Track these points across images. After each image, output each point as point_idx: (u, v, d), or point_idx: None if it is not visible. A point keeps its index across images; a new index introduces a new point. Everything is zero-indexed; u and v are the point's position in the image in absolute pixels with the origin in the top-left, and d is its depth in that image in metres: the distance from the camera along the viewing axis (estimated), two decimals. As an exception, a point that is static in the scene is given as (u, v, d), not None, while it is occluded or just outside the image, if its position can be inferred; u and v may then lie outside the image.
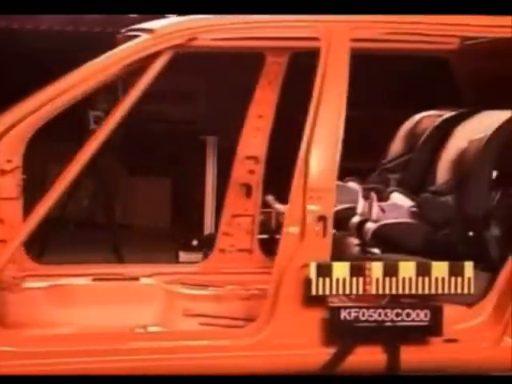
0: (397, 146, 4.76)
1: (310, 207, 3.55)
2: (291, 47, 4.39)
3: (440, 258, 3.63)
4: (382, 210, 3.97)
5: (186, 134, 9.27)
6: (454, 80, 4.93)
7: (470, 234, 3.80)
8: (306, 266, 3.51)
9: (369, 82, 9.22)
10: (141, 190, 9.68)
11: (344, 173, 4.18)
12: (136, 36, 3.72)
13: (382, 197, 4.24)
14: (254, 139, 4.76)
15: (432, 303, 3.61)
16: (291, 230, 3.59)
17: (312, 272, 3.49)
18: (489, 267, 3.80)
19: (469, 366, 3.68)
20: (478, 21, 3.91)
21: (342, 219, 4.16)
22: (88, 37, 7.00)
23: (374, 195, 4.04)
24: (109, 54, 3.58)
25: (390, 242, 3.85)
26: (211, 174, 7.88)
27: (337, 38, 3.67)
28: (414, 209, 4.01)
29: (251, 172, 4.78)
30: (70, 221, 8.21)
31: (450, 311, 3.70)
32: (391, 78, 8.99)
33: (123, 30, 4.05)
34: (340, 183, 4.45)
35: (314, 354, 3.57)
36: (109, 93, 10.12)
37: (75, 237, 8.32)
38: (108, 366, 3.51)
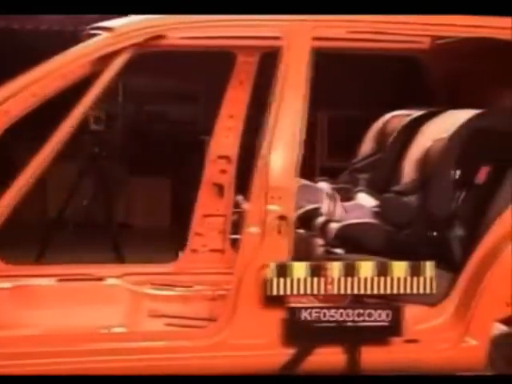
0: (367, 145, 4.77)
1: (271, 207, 3.54)
2: (256, 46, 4.37)
3: (403, 258, 3.61)
4: (345, 211, 3.95)
5: (186, 134, 9.30)
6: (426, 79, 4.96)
7: (433, 234, 3.79)
8: (266, 266, 3.50)
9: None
10: (141, 190, 9.70)
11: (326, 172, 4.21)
12: (97, 34, 3.70)
13: (349, 197, 4.23)
14: (226, 139, 4.75)
15: (393, 303, 3.59)
16: (252, 229, 3.57)
17: (271, 272, 3.48)
18: (452, 267, 3.80)
19: (429, 367, 3.66)
20: (448, 20, 3.91)
21: (310, 219, 4.15)
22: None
23: (336, 195, 4.03)
24: (66, 52, 3.56)
25: (353, 242, 3.84)
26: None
27: (298, 36, 3.66)
28: (377, 209, 4.00)
29: (223, 172, 4.77)
30: (69, 221, 8.21)
31: (412, 311, 3.69)
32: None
33: (87, 28, 4.03)
34: (310, 183, 4.45)
35: (274, 355, 3.55)
36: (109, 93, 10.17)
37: (75, 237, 8.32)
38: (72, 368, 3.50)
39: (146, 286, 4.46)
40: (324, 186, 4.48)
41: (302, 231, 4.10)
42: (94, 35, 3.72)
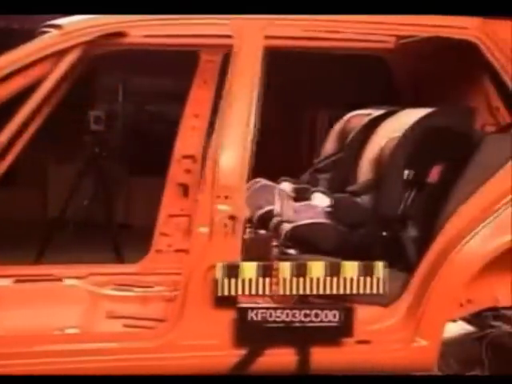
0: (328, 145, 4.76)
1: (219, 206, 3.52)
2: (216, 45, 4.36)
3: (357, 258, 3.60)
4: (295, 211, 3.93)
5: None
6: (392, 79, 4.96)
7: (385, 234, 3.77)
8: (214, 266, 3.48)
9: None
10: (141, 190, 9.69)
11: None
12: (47, 32, 3.68)
13: (307, 197, 4.21)
14: (191, 138, 4.74)
15: (341, 304, 3.57)
16: (201, 229, 3.55)
17: (219, 272, 3.46)
18: (405, 267, 3.78)
19: (381, 367, 3.65)
20: (406, 20, 3.89)
21: (268, 220, 4.14)
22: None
23: (286, 195, 4.01)
24: (14, 50, 3.54)
25: (305, 242, 3.82)
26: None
27: (249, 34, 3.64)
28: (329, 209, 3.98)
29: (188, 171, 4.75)
30: (69, 221, 8.20)
31: (365, 312, 3.68)
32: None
33: (40, 26, 4.01)
34: (270, 183, 4.43)
35: (223, 356, 3.53)
36: (109, 93, 10.17)
37: (75, 237, 8.31)
38: (24, 369, 3.48)
39: (105, 287, 4.43)
40: (286, 186, 4.47)
41: (262, 232, 4.09)
42: (45, 33, 3.70)
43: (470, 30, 3.84)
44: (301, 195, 4.19)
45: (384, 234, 3.78)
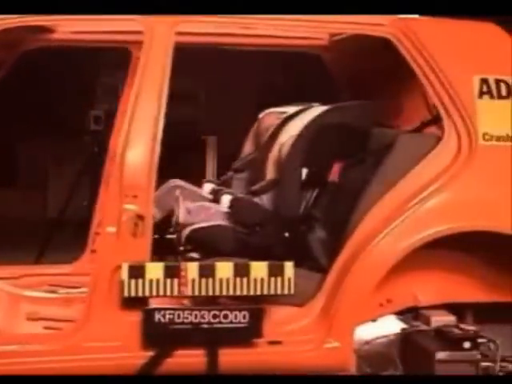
0: (246, 144, 4.73)
1: (127, 206, 3.48)
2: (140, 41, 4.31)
3: (258, 260, 3.55)
4: (189, 212, 3.88)
5: (186, 133, 9.26)
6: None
7: (287, 235, 3.73)
8: (121, 266, 3.44)
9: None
10: None
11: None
12: None
13: (218, 199, 4.17)
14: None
15: (251, 305, 3.53)
16: (108, 229, 3.51)
17: (124, 273, 3.42)
18: (317, 267, 3.75)
19: (293, 368, 3.61)
20: (322, 18, 3.86)
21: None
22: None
23: (180, 196, 3.95)
24: None
25: (205, 245, 3.76)
26: (211, 174, 7.86)
27: (159, 30, 3.59)
28: (228, 210, 3.94)
29: None
30: (69, 221, 8.17)
31: (279, 312, 3.65)
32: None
33: None
34: (184, 184, 4.39)
35: (130, 357, 3.49)
36: (109, 93, 10.14)
37: (75, 237, 8.26)
38: None
39: (24, 289, 4.38)
40: (207, 187, 4.44)
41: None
42: None
43: (386, 28, 3.82)
44: (216, 197, 4.15)
45: (286, 234, 3.73)
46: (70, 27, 4.37)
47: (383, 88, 4.51)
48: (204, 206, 3.97)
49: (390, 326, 4.03)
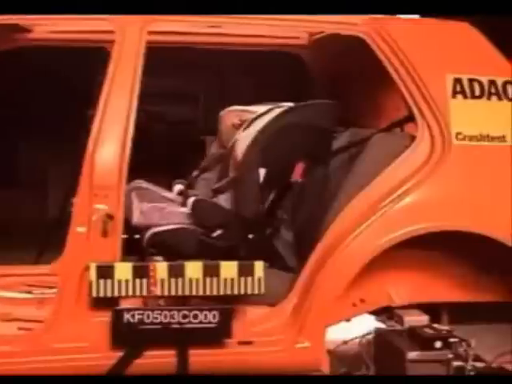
0: (214, 143, 4.70)
1: (97, 206, 3.47)
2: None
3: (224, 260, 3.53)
4: (142, 212, 3.84)
5: (186, 134, 9.24)
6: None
7: (250, 236, 3.71)
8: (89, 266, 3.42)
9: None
10: None
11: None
12: None
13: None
14: None
15: (221, 305, 3.51)
16: (78, 229, 3.49)
17: (92, 273, 3.40)
18: (285, 268, 3.74)
19: (263, 368, 3.60)
20: (297, 17, 3.84)
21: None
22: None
23: (134, 197, 3.92)
24: None
25: (168, 249, 3.71)
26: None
27: (131, 29, 3.58)
28: (190, 212, 3.90)
29: None
30: (69, 221, 8.14)
31: (252, 312, 3.64)
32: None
33: None
34: (145, 185, 4.34)
35: (100, 358, 3.46)
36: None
37: None
38: None
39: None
40: (177, 188, 4.41)
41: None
42: None
43: (359, 27, 3.81)
44: (183, 198, 4.12)
45: (250, 236, 3.70)
46: (47, 27, 4.35)
47: (362, 87, 4.50)
48: (157, 207, 3.89)
49: (364, 326, 4.03)
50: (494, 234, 3.64)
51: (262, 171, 3.74)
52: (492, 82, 3.81)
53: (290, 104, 4.08)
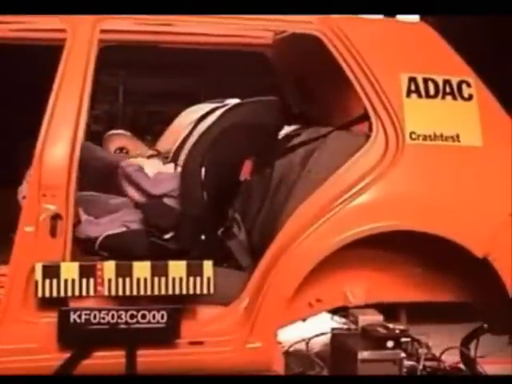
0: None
1: (44, 205, 3.44)
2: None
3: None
4: (86, 214, 3.83)
5: None
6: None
7: (202, 237, 3.68)
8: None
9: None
10: None
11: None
12: None
13: None
14: None
15: (169, 305, 3.49)
16: (26, 228, 3.47)
17: (38, 273, 3.37)
18: (238, 267, 3.71)
19: (214, 368, 3.57)
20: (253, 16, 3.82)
21: None
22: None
23: (81, 201, 3.89)
24: None
25: (119, 252, 3.67)
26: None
27: (83, 28, 3.55)
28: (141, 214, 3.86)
29: None
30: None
31: (204, 312, 3.61)
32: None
33: None
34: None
35: (47, 359, 3.43)
36: (109, 93, 10.10)
37: None
38: None
39: None
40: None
41: None
42: None
43: (314, 25, 3.79)
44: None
45: (203, 237, 3.68)
46: (7, 25, 4.31)
47: (325, 86, 4.47)
48: (91, 220, 3.84)
49: (320, 326, 4.01)
50: (447, 234, 3.62)
51: (204, 171, 3.73)
52: (447, 82, 3.79)
53: (233, 101, 4.05)
